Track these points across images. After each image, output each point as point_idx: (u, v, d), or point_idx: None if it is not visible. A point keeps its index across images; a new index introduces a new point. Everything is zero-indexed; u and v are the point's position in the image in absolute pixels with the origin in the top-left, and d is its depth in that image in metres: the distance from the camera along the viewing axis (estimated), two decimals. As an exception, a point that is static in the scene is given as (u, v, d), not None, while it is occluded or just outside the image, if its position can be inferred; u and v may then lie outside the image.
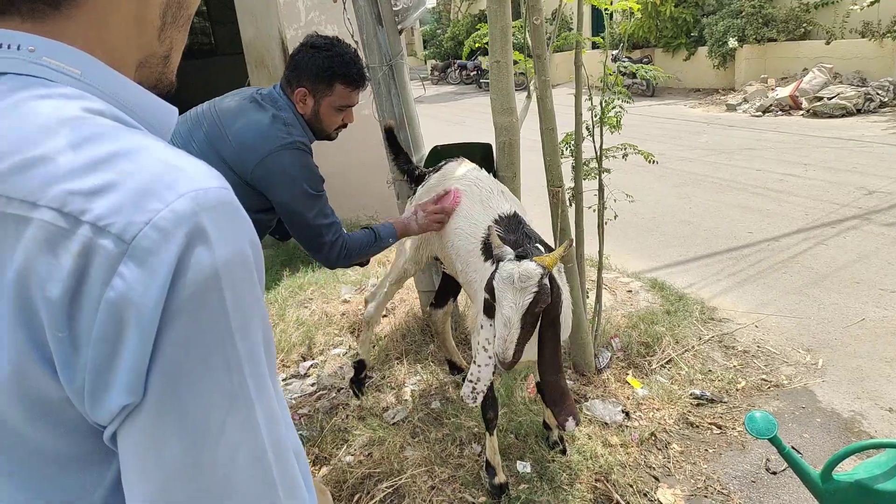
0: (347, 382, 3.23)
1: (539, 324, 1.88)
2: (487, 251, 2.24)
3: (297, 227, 2.13)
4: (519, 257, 1.84)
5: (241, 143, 2.00)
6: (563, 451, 2.61)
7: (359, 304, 4.09)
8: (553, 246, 2.36)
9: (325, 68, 2.05)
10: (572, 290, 2.72)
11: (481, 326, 1.97)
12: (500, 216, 2.28)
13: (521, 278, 1.76)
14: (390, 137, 2.81)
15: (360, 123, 2.72)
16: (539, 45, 2.64)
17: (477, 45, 3.07)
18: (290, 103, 2.11)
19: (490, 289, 1.85)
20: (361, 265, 2.41)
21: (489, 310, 1.93)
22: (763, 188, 6.56)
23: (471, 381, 2.00)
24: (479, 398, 2.01)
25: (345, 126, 2.23)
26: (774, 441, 1.87)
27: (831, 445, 2.66)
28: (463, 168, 2.60)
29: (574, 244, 1.98)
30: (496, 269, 1.84)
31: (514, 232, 2.20)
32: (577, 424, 2.00)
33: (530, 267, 1.79)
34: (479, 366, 1.99)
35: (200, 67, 11.68)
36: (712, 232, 5.44)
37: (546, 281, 1.81)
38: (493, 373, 2.00)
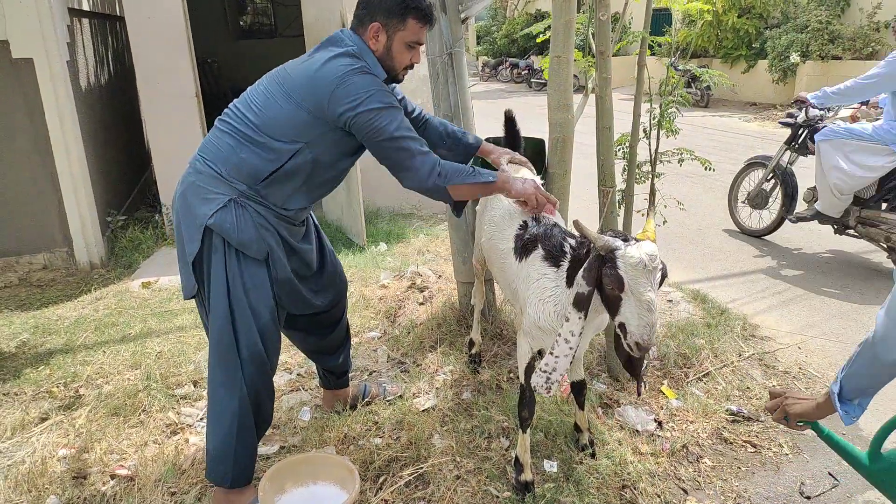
0: (388, 364, 3.26)
1: None
2: (520, 252, 2.26)
3: (381, 147, 2.11)
4: (625, 240, 1.81)
5: (311, 79, 2.05)
6: (593, 455, 2.58)
7: (396, 289, 4.11)
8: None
9: (399, 2, 2.08)
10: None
11: (567, 319, 1.92)
12: (524, 220, 2.33)
13: (651, 258, 1.73)
14: (509, 123, 2.81)
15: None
16: (603, 42, 2.61)
17: (538, 34, 3.04)
18: (360, 41, 2.14)
19: (615, 280, 1.76)
20: (457, 209, 2.33)
21: (581, 304, 1.87)
22: (816, 208, 6.36)
23: (545, 372, 1.97)
24: (554, 388, 1.98)
25: (411, 67, 2.23)
26: (814, 427, 1.78)
27: (871, 475, 2.57)
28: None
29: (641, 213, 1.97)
30: (612, 257, 1.78)
31: (539, 225, 2.25)
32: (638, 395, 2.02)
33: (650, 246, 1.76)
34: (556, 357, 1.94)
35: (260, 48, 11.85)
36: (759, 248, 5.31)
37: None
38: (569, 364, 1.96)
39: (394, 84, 2.31)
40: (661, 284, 1.82)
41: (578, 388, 2.56)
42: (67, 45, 4.96)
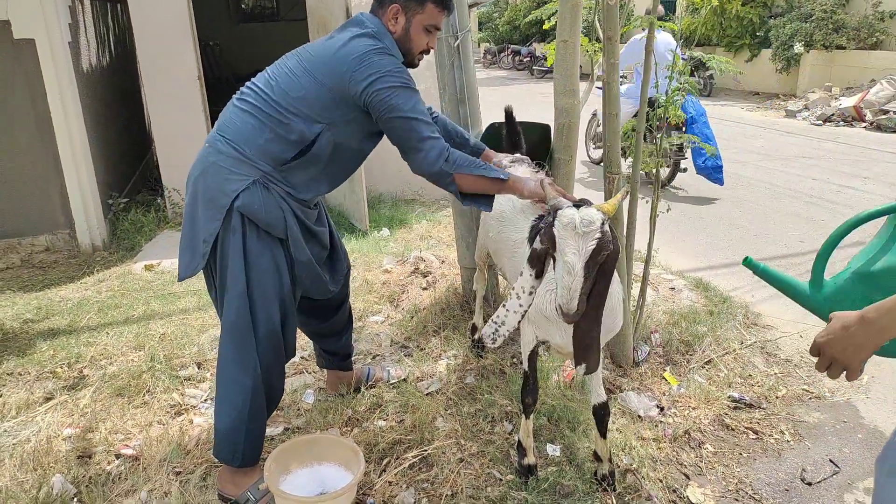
0: (391, 349, 3.28)
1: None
2: (533, 242, 2.22)
3: (394, 124, 2.09)
4: (577, 205, 1.80)
5: (333, 57, 2.07)
6: (613, 489, 2.35)
7: (400, 274, 4.12)
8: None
9: None
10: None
11: (521, 273, 1.92)
12: (538, 215, 2.29)
13: (584, 223, 1.72)
14: (508, 119, 2.82)
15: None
16: (611, 27, 2.59)
17: (543, 21, 3.03)
18: (379, 23, 2.16)
19: (549, 237, 1.78)
20: (467, 200, 2.24)
21: (534, 260, 1.87)
22: (818, 198, 6.37)
23: (495, 322, 1.95)
24: (500, 341, 1.96)
25: (427, 52, 2.26)
26: (747, 263, 1.74)
27: (871, 462, 2.59)
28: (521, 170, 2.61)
29: (629, 195, 1.91)
30: (553, 217, 1.79)
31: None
32: (588, 373, 1.97)
33: (591, 212, 1.75)
34: (507, 310, 1.93)
35: (262, 31, 11.78)
36: (762, 237, 5.31)
37: (607, 227, 1.76)
38: (518, 321, 1.93)
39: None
40: (599, 257, 1.74)
41: (600, 414, 2.30)
42: (69, 26, 4.93)
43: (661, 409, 2.85)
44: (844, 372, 1.22)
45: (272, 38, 10.92)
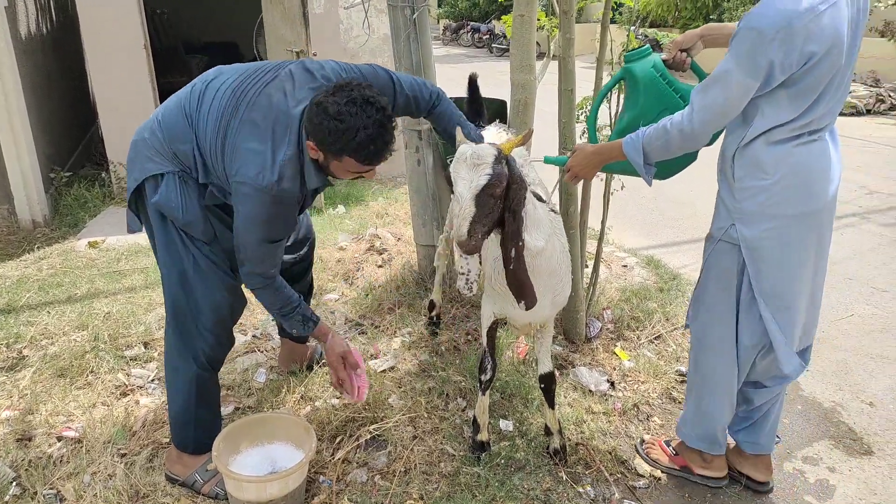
0: (345, 327, 3.24)
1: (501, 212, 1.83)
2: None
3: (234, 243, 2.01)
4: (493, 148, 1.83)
5: (237, 152, 1.88)
6: (565, 463, 2.42)
7: (355, 251, 4.07)
8: (558, 208, 2.34)
9: (334, 140, 1.80)
10: (573, 258, 2.69)
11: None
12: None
13: (474, 156, 1.76)
14: (472, 87, 2.79)
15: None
16: (567, 2, 2.58)
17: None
18: (304, 143, 1.90)
19: (448, 175, 1.84)
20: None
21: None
22: (766, 178, 6.53)
23: (462, 274, 1.97)
24: (475, 287, 1.97)
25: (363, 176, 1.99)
26: (546, 161, 2.24)
27: (809, 432, 2.70)
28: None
29: (532, 133, 1.94)
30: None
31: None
32: (528, 308, 2.00)
33: (484, 147, 1.78)
34: (465, 258, 1.96)
35: (215, 1, 11.38)
36: (710, 215, 5.42)
37: (502, 165, 1.77)
38: (479, 262, 1.97)
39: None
40: (490, 189, 1.74)
41: (546, 383, 2.38)
42: (4, -11, 4.67)
43: (612, 383, 2.90)
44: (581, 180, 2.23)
45: (223, 7, 10.58)
